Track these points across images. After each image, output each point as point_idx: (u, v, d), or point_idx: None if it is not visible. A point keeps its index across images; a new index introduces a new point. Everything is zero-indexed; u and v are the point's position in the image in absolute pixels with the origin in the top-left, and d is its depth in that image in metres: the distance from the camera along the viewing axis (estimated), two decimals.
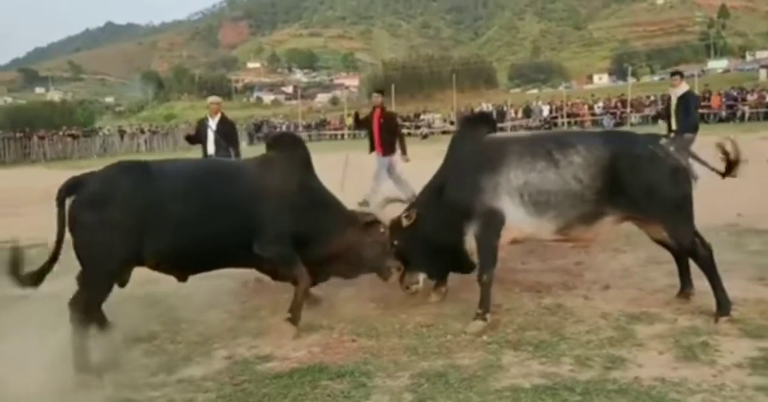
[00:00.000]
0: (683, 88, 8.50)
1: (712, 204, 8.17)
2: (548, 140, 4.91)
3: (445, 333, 4.41)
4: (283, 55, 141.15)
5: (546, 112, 37.03)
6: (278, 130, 40.61)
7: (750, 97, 30.84)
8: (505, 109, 38.48)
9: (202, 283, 5.69)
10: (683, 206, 4.57)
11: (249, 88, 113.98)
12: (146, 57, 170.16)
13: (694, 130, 9.44)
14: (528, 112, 37.39)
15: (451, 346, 4.19)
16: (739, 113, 30.02)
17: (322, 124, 41.40)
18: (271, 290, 5.57)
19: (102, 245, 4.10)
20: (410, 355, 4.05)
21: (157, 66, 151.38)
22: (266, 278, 5.68)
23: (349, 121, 40.61)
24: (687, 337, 4.13)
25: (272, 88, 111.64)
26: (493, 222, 4.64)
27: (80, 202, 4.15)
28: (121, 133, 36.81)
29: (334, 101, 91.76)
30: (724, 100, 31.24)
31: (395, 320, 4.71)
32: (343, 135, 38.72)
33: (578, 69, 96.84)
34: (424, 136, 33.82)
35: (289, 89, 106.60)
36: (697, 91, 30.06)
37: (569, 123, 35.14)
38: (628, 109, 33.86)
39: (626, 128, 28.08)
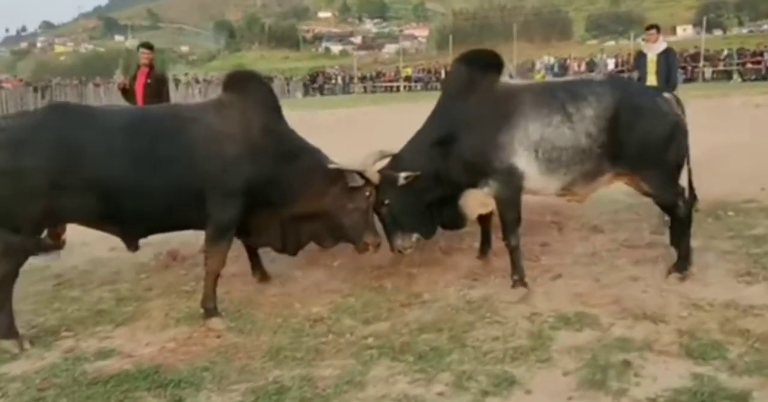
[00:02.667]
0: (661, 44, 7.36)
1: (739, 173, 7.18)
2: (560, 90, 4.40)
3: (329, 332, 3.75)
4: (354, 5, 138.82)
5: (611, 65, 34.78)
6: (333, 81, 39.99)
7: None
8: (568, 62, 36.43)
9: (115, 254, 5.25)
10: (676, 165, 4.35)
11: (318, 39, 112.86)
12: (221, 5, 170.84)
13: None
14: (592, 66, 35.25)
15: (325, 349, 3.52)
16: None
17: (378, 75, 40.32)
18: (185, 266, 5.05)
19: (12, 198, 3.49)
20: (268, 359, 3.41)
21: (231, 15, 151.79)
22: (182, 250, 5.19)
23: (406, 72, 39.60)
24: (610, 353, 3.34)
25: (341, 38, 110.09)
26: (513, 180, 4.27)
27: None
28: (176, 81, 36.80)
29: (401, 52, 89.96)
30: None
31: (285, 311, 4.08)
32: (398, 87, 37.63)
33: (661, 20, 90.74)
34: None
35: (358, 40, 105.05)
36: None
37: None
38: (701, 64, 31.37)
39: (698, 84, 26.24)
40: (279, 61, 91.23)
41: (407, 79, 38.62)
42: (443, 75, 37.95)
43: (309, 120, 4.61)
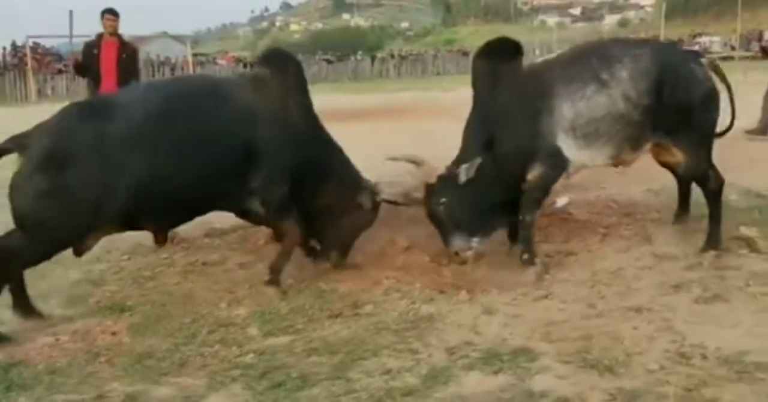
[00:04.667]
0: None
1: None
2: (591, 55, 4.22)
3: (219, 341, 3.31)
4: None
5: None
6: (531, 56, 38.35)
7: None
8: None
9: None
10: (711, 133, 4.24)
11: (535, 11, 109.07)
12: None
13: None
14: None
15: (193, 362, 3.09)
16: None
17: None
18: (176, 249, 4.89)
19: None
20: (126, 367, 3.07)
21: None
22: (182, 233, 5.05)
23: None
24: None
25: (559, 10, 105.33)
26: (558, 163, 4.14)
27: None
28: (372, 58, 37.63)
29: (623, 23, 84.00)
30: None
31: (206, 310, 3.71)
32: None
33: None
34: None
35: (577, 11, 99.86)
36: None
37: None
38: None
39: None
40: (493, 36, 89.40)
41: None
42: None
43: None
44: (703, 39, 34.23)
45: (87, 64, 6.15)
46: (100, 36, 6.17)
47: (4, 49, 27.96)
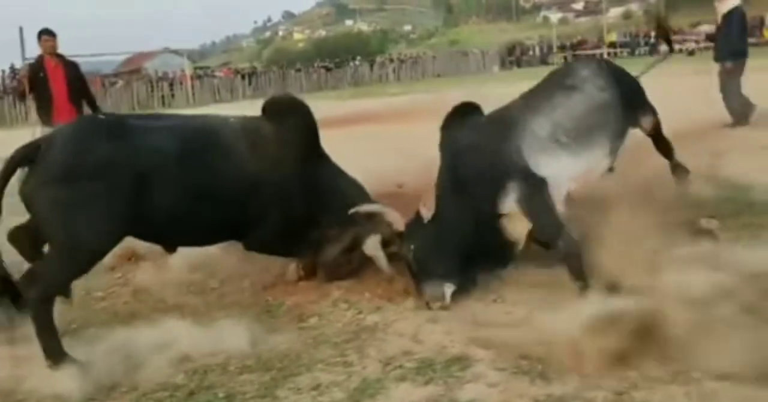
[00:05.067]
0: (731, 2, 6.32)
1: None
2: (549, 83, 4.17)
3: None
4: None
5: None
6: (531, 52, 38.21)
7: None
8: None
9: None
10: None
11: (537, 8, 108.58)
12: None
13: (737, 57, 8.30)
14: None
15: (115, 387, 3.05)
16: None
17: (579, 44, 37.60)
18: (130, 268, 4.83)
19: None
20: None
21: None
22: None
23: (611, 38, 36.60)
24: None
25: (561, 5, 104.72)
26: (536, 185, 3.70)
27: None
28: (371, 63, 37.60)
29: (627, 15, 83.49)
30: None
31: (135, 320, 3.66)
32: (601, 54, 34.83)
33: None
34: (690, 53, 28.82)
35: (579, 5, 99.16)
36: None
37: None
38: None
39: None
40: (497, 34, 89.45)
41: (612, 45, 35.68)
42: (652, 39, 34.61)
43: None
44: (703, 27, 33.86)
45: (38, 88, 6.03)
46: (41, 57, 6.07)
47: (3, 72, 28.26)
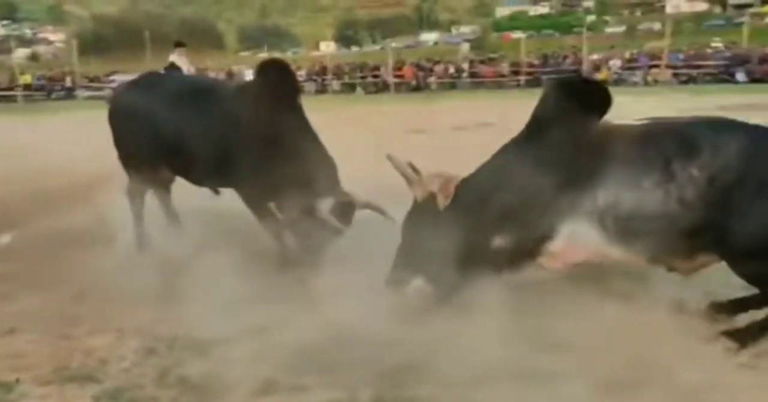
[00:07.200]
0: None
1: None
2: None
3: None
4: None
5: (250, 76, 35.39)
6: None
7: (437, 68, 32.07)
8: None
9: None
10: None
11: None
12: None
13: None
14: (230, 75, 35.47)
15: None
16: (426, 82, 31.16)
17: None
18: None
19: None
20: None
21: None
22: None
23: (25, 79, 35.37)
24: None
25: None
26: None
27: None
28: None
29: (34, 57, 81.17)
30: (416, 70, 32.15)
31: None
32: (15, 97, 33.04)
33: (307, 34, 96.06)
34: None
35: None
36: (390, 62, 31.29)
37: None
38: (329, 76, 33.51)
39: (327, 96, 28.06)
40: None
41: (27, 87, 34.46)
42: (68, 83, 34.98)
43: None
44: (118, 76, 35.62)
45: None
46: None
47: None
